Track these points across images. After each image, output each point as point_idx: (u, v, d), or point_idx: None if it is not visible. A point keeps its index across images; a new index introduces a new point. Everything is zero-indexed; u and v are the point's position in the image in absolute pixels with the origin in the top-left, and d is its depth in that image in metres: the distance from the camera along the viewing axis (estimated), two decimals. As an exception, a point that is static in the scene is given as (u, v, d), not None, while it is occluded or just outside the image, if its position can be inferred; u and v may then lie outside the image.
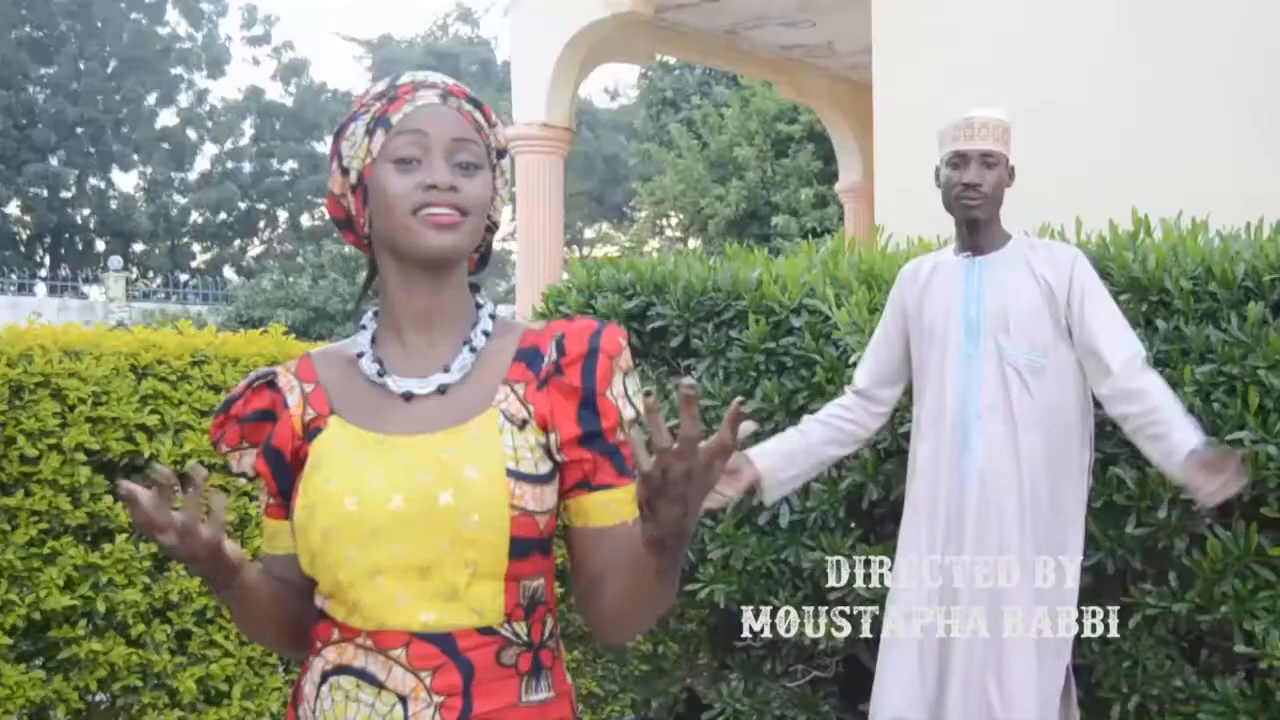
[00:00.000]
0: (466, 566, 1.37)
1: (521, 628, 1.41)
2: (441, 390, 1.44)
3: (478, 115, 1.47)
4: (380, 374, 1.45)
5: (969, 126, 3.15)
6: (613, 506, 1.44)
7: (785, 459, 3.22)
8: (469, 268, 1.54)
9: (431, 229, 1.41)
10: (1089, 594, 3.36)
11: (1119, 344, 3.00)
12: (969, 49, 6.57)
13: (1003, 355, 3.06)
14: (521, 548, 1.38)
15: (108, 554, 3.60)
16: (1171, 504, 3.19)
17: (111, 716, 3.70)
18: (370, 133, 1.44)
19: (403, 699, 1.37)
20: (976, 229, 3.16)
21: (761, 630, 3.87)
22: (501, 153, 1.51)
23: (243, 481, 3.87)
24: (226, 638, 3.81)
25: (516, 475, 1.38)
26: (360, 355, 1.48)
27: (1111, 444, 3.27)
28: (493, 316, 1.51)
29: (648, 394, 1.25)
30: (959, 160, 3.14)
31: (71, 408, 3.57)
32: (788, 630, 3.57)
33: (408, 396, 1.44)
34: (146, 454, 3.70)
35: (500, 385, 1.44)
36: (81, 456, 3.58)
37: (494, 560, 1.37)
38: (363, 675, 1.39)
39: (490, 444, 1.39)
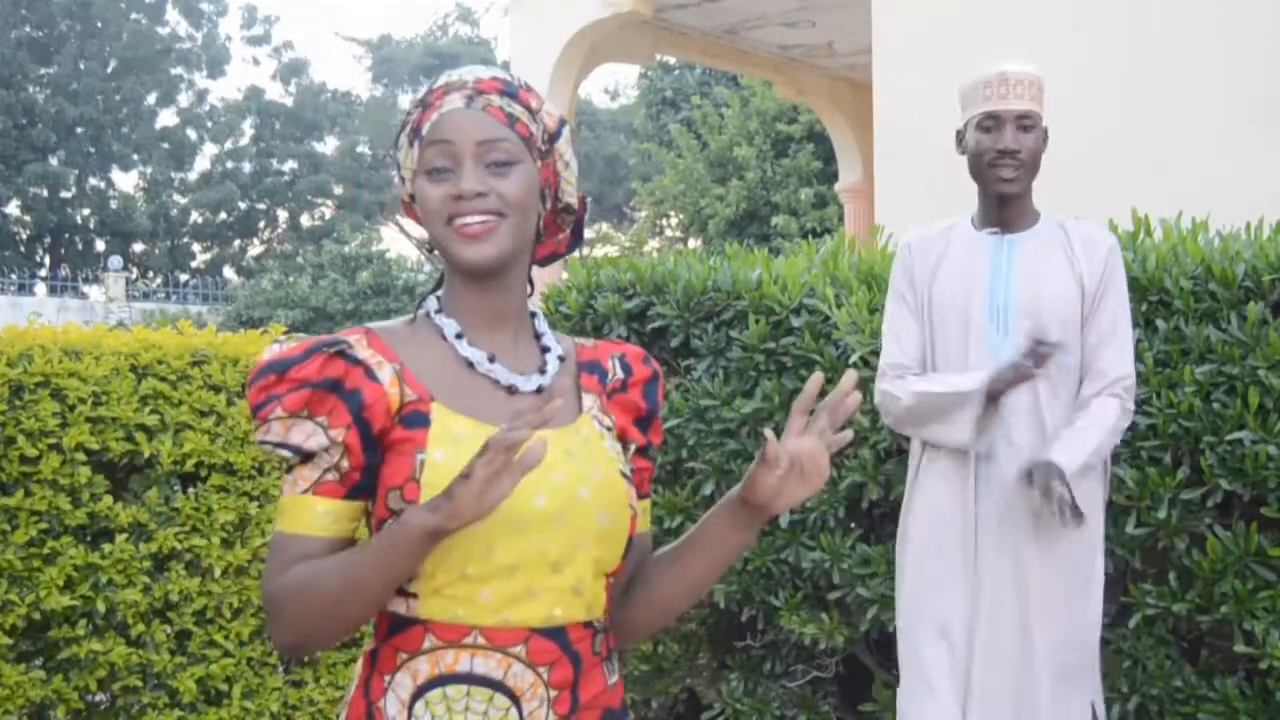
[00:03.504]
0: (594, 563, 1.41)
1: (605, 619, 1.46)
2: (539, 390, 1.45)
3: (513, 108, 1.44)
4: (491, 359, 1.43)
5: (1004, 83, 2.77)
6: (646, 513, 1.54)
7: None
8: (559, 250, 1.58)
9: (465, 241, 1.40)
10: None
11: (1116, 363, 2.76)
12: (968, 49, 6.56)
13: None
14: (629, 544, 1.45)
15: (108, 554, 3.60)
16: (1171, 504, 3.19)
17: (111, 716, 3.70)
18: (410, 144, 1.45)
19: (516, 700, 1.36)
20: (1008, 203, 2.82)
21: (762, 630, 3.87)
22: (554, 135, 1.49)
23: (243, 482, 3.87)
24: (226, 638, 3.81)
25: (624, 476, 1.45)
26: (458, 336, 1.43)
27: (1111, 444, 3.27)
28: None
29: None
30: (991, 123, 2.78)
31: (71, 408, 3.57)
32: (789, 631, 3.57)
33: (511, 390, 1.43)
34: (146, 454, 3.70)
35: (582, 393, 1.49)
36: (81, 456, 3.58)
37: (614, 556, 1.43)
38: (472, 680, 1.35)
39: (598, 446, 1.45)
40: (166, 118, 32.84)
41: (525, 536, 1.36)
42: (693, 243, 19.02)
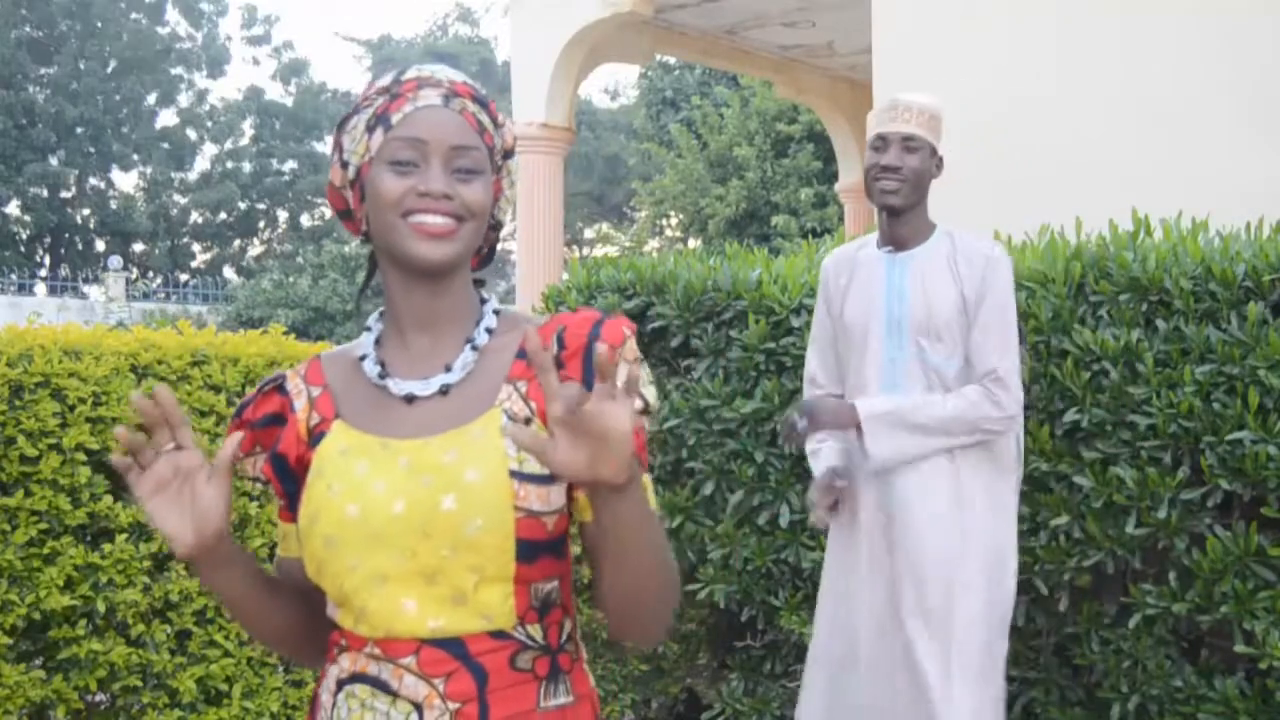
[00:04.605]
0: (472, 571, 1.34)
1: (536, 631, 1.38)
2: (444, 391, 1.41)
3: (482, 117, 1.43)
4: (382, 376, 1.43)
5: (893, 109, 3.06)
6: None
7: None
8: (471, 265, 1.51)
9: (423, 239, 1.38)
10: (1089, 594, 3.36)
11: (987, 358, 2.96)
12: (969, 49, 6.57)
13: (926, 359, 2.98)
14: (529, 550, 1.35)
15: (108, 554, 3.60)
16: (1171, 504, 3.19)
17: (111, 716, 3.70)
18: (370, 130, 1.41)
19: (417, 707, 1.34)
20: (896, 219, 3.06)
21: (762, 630, 3.87)
22: (508, 153, 1.47)
23: (243, 482, 3.87)
24: (226, 638, 3.81)
25: (520, 476, 1.34)
26: (363, 358, 1.46)
27: (1111, 444, 3.28)
28: (497, 312, 1.47)
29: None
30: (880, 143, 3.06)
31: (71, 408, 3.57)
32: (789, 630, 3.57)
33: (410, 399, 1.41)
34: (146, 454, 3.70)
35: (503, 384, 1.40)
36: (81, 456, 3.58)
37: (500, 564, 1.34)
38: (376, 683, 1.37)
39: (492, 445, 1.36)
40: (166, 118, 32.86)
41: (385, 546, 1.35)
42: (693, 243, 19.01)
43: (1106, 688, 3.34)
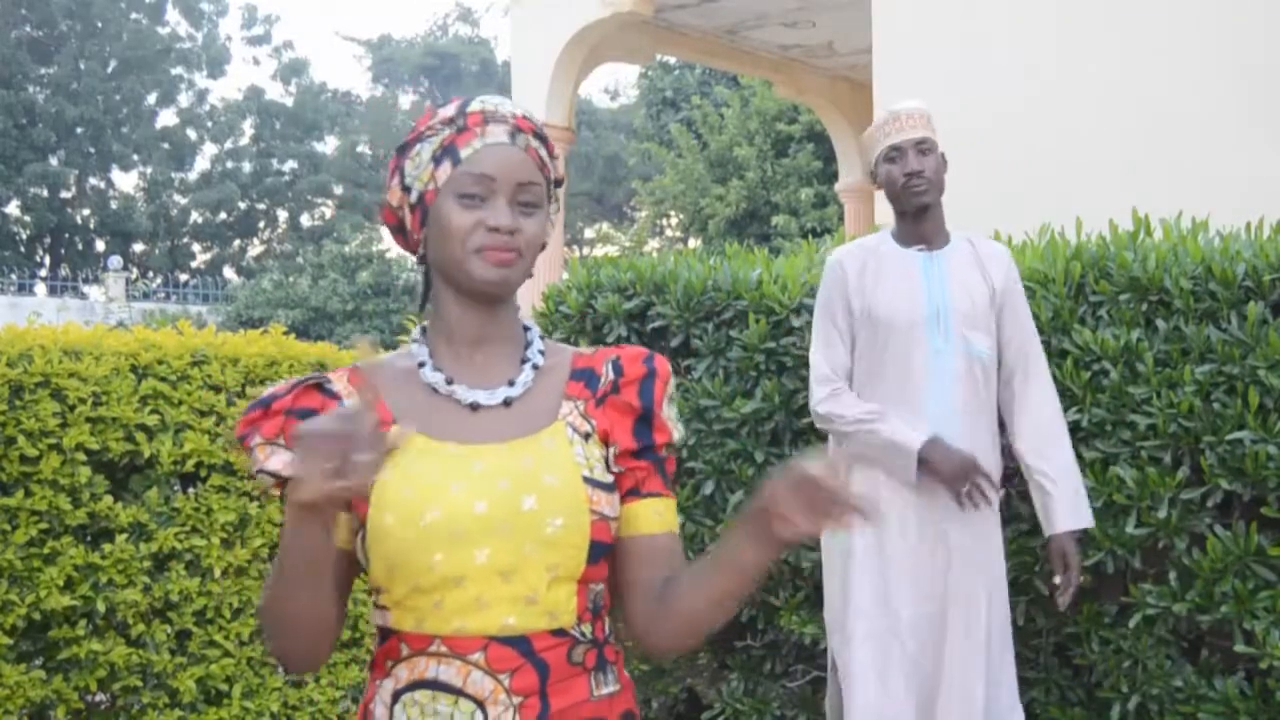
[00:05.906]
0: (548, 571, 1.42)
1: (588, 628, 1.47)
2: (507, 403, 1.49)
3: (542, 152, 1.51)
4: (449, 382, 1.49)
5: (897, 119, 3.20)
6: (663, 514, 1.52)
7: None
8: None
9: (487, 265, 1.46)
10: (1089, 594, 3.36)
11: (1032, 342, 3.17)
12: (969, 49, 6.57)
13: (970, 350, 3.11)
14: (597, 552, 1.45)
15: (108, 554, 3.61)
16: (1171, 504, 3.19)
17: (111, 716, 3.70)
18: (436, 160, 1.48)
19: (481, 705, 1.40)
20: (924, 217, 3.18)
21: (762, 630, 3.87)
22: (559, 182, 1.57)
23: (243, 482, 3.87)
24: (226, 638, 3.81)
25: (592, 482, 1.46)
26: (421, 365, 1.51)
27: (1111, 443, 3.28)
28: (541, 338, 1.58)
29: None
30: (895, 154, 3.18)
31: (71, 408, 3.57)
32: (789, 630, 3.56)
33: (474, 407, 1.48)
34: (146, 454, 3.70)
35: (562, 401, 1.51)
36: (81, 456, 3.58)
37: (573, 564, 1.43)
38: (437, 686, 1.41)
39: (563, 454, 1.46)
40: (166, 118, 32.88)
41: (466, 545, 1.40)
42: (693, 243, 19.01)
43: (1106, 688, 3.34)
